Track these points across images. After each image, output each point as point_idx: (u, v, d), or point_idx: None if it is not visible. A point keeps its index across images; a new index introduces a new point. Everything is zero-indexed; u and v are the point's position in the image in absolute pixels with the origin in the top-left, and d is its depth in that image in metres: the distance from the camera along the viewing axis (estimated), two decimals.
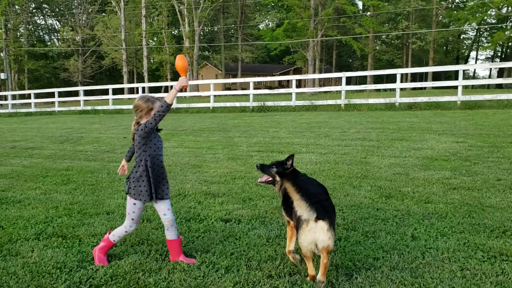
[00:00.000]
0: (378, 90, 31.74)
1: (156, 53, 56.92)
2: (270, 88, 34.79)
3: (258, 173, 6.46)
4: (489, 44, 54.16)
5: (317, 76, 23.31)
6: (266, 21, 64.56)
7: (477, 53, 72.73)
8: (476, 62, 73.69)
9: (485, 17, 50.68)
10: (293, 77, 19.34)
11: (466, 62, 70.38)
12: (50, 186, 6.14)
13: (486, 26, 57.49)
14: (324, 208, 2.88)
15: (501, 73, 57.38)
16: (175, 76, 60.63)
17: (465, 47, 70.16)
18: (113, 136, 11.76)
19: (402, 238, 3.80)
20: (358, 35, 50.33)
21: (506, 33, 49.21)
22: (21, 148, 10.07)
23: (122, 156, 8.34)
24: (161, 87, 45.90)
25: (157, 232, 4.07)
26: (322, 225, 2.82)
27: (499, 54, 68.10)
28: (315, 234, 2.83)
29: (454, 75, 47.37)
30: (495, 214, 4.33)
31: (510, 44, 61.16)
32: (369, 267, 3.26)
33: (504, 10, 49.00)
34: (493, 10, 46.91)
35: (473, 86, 37.94)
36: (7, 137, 12.63)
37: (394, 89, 18.19)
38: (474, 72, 70.04)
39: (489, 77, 67.08)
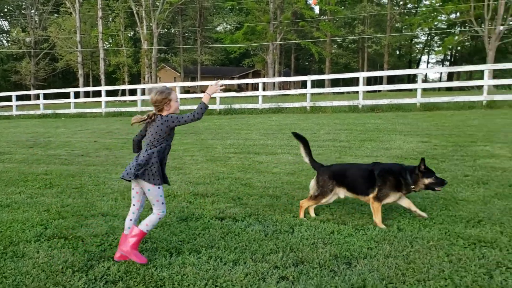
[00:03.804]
0: (338, 92, 32.55)
1: (113, 55, 55.95)
2: (230, 91, 34.96)
3: (241, 174, 6.71)
4: (440, 48, 56.52)
5: (282, 79, 23.80)
6: (225, 24, 64.70)
7: (428, 57, 75.85)
8: (427, 66, 76.71)
9: (436, 23, 52.91)
10: (260, 80, 19.69)
11: (418, 65, 73.16)
12: (34, 190, 6.11)
13: (437, 31, 59.92)
14: None
15: (450, 76, 60.09)
16: (133, 79, 59.81)
17: (417, 51, 72.98)
18: (83, 140, 11.65)
19: (389, 230, 4.12)
20: (316, 39, 51.47)
21: (455, 38, 51.57)
22: None
23: (99, 160, 8.40)
24: (118, 90, 45.02)
25: (158, 231, 4.21)
26: None
27: (449, 58, 71.26)
28: None
29: (406, 78, 49.19)
30: (468, 207, 4.74)
31: (459, 48, 64.14)
32: (365, 256, 3.55)
33: (453, 16, 51.22)
34: (444, 15, 49.16)
35: (425, 89, 39.62)
36: None
37: (356, 92, 18.83)
38: (426, 76, 72.90)
39: (440, 80, 70.06)
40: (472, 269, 3.25)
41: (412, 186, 4.28)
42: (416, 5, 54.48)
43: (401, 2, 61.71)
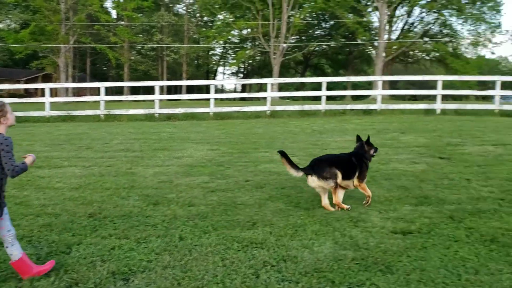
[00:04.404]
0: (136, 100, 32.12)
1: None
2: (15, 96, 31.43)
3: (16, 191, 5.99)
4: (234, 61, 60.62)
5: (74, 85, 22.36)
6: (9, 21, 57.68)
7: (224, 68, 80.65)
8: (223, 77, 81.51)
9: (230, 37, 56.56)
10: (47, 85, 18.09)
11: (215, 76, 77.15)
12: None
13: (231, 45, 64.11)
14: None
15: (244, 87, 65.12)
16: None
17: (214, 62, 76.91)
18: None
19: (171, 240, 4.18)
20: (113, 44, 49.80)
21: (247, 52, 55.99)
22: None
23: None
24: None
25: None
26: None
27: (242, 70, 77.08)
28: None
29: (205, 88, 51.47)
30: (245, 210, 5.13)
31: (251, 61, 69.89)
32: (144, 270, 3.52)
33: (245, 32, 55.43)
34: (236, 31, 52.93)
35: (222, 99, 42.04)
36: None
37: (153, 100, 18.81)
38: (222, 86, 77.36)
39: (234, 90, 75.20)
40: (242, 270, 3.50)
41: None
42: (212, 19, 57.42)
43: (198, 15, 64.35)
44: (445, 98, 18.38)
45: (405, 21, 56.26)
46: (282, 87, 52.18)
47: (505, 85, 18.29)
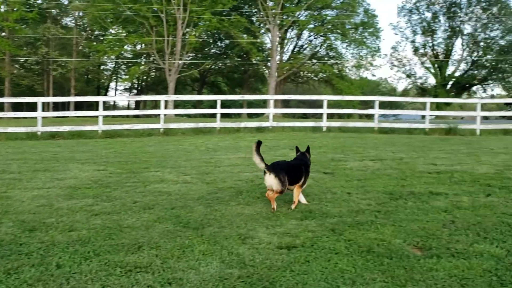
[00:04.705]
0: (17, 118, 29.76)
1: None
2: None
3: None
4: (127, 77, 58.91)
5: None
6: None
7: (116, 84, 77.94)
8: (115, 93, 78.75)
9: (123, 52, 55.02)
10: None
11: (106, 92, 74.26)
12: None
13: (124, 60, 62.34)
14: None
15: (138, 104, 63.44)
16: None
17: (105, 78, 74.03)
18: None
19: (47, 268, 3.87)
20: None
21: (141, 67, 54.83)
22: None
23: None
24: None
25: None
26: None
27: (136, 86, 75.09)
28: None
29: (96, 105, 49.27)
30: (131, 233, 4.93)
31: (145, 77, 68.45)
32: None
33: (138, 47, 54.32)
34: (129, 45, 51.62)
35: (115, 116, 40.48)
36: None
37: (35, 117, 17.58)
38: (115, 102, 74.68)
39: (128, 107, 72.98)
40: None
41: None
42: (103, 33, 55.40)
43: (88, 28, 61.68)
44: (332, 116, 19.65)
45: (295, 43, 59.35)
46: (179, 104, 51.73)
47: (384, 105, 19.99)
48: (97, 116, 17.28)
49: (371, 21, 55.44)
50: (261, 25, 54.13)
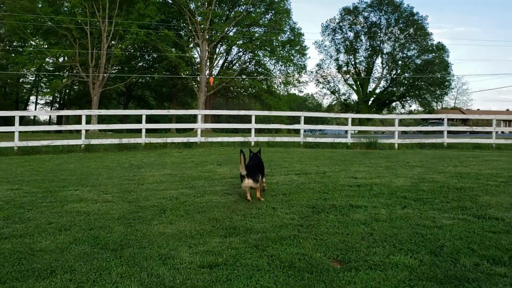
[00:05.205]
0: None
1: None
2: None
3: None
4: (48, 90, 56.16)
5: None
6: None
7: (37, 97, 73.97)
8: (36, 107, 74.74)
9: (44, 64, 52.44)
10: None
11: (26, 106, 70.29)
12: None
13: (45, 73, 59.44)
14: None
15: (60, 119, 60.50)
16: None
17: (25, 91, 70.07)
18: None
19: None
20: None
21: (63, 80, 52.51)
22: None
23: None
24: None
25: None
26: None
27: (59, 100, 71.69)
28: None
29: (13, 119, 46.34)
30: (44, 257, 4.63)
31: (67, 91, 65.59)
32: None
33: (61, 59, 52.05)
34: (51, 58, 49.29)
35: (35, 132, 38.27)
36: None
37: None
38: (35, 117, 70.76)
39: (49, 122, 69.41)
40: None
41: None
42: (23, 44, 52.49)
43: (6, 39, 58.21)
44: (262, 131, 19.88)
45: (225, 58, 59.80)
46: (104, 118, 49.98)
47: (311, 120, 20.59)
48: (13, 132, 16.25)
49: (298, 39, 57.24)
50: (190, 39, 54.01)
